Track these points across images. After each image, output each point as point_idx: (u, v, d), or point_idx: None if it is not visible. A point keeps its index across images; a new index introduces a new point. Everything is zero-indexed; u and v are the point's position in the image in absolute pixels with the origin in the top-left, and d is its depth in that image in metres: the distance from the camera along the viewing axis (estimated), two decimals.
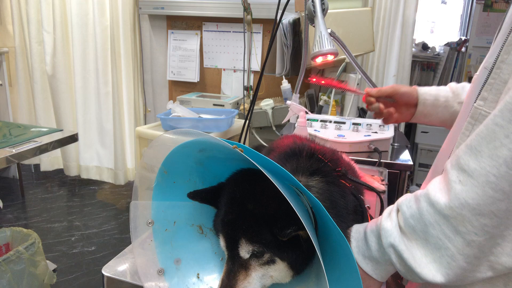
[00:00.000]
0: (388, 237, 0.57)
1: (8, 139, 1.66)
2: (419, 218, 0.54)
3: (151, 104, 3.24)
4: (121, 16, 2.94)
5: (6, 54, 3.19)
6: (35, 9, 2.95)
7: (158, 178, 0.62)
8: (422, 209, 0.54)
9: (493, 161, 0.48)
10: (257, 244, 0.55)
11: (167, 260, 0.64)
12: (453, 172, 0.52)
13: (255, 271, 0.57)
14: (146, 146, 2.18)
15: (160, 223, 0.64)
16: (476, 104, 0.58)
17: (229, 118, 2.12)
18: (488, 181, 0.48)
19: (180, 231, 0.65)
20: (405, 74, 2.49)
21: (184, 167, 0.63)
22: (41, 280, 1.76)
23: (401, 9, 2.34)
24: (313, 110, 2.18)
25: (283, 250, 0.56)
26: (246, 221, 0.56)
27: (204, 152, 0.61)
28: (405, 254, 0.55)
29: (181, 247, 0.65)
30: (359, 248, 0.61)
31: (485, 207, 0.48)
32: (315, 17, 1.21)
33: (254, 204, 0.57)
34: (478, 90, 0.59)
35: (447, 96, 1.01)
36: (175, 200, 0.64)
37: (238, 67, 2.84)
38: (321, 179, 0.65)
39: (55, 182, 3.41)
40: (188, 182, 0.64)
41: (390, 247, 0.57)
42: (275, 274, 0.58)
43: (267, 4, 2.54)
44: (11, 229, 1.85)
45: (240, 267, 0.57)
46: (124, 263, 0.75)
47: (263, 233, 0.55)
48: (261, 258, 0.57)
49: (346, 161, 0.85)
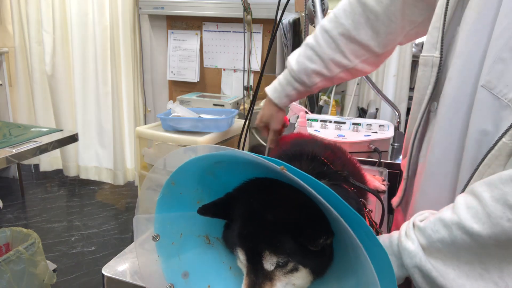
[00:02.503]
0: (413, 258, 0.57)
1: (8, 139, 1.66)
2: (451, 243, 0.54)
3: (151, 104, 3.24)
4: (121, 16, 2.94)
5: (6, 54, 3.19)
6: (34, 9, 2.95)
7: (164, 190, 0.59)
8: (455, 237, 0.53)
9: None
10: (281, 255, 0.54)
11: (174, 274, 0.61)
12: (497, 206, 0.51)
13: (280, 281, 0.56)
14: (146, 146, 2.18)
15: (166, 237, 0.61)
16: (505, 140, 0.57)
17: (229, 118, 2.12)
18: None
19: (187, 243, 0.63)
20: (405, 74, 2.49)
21: (194, 178, 0.60)
22: (41, 280, 1.76)
23: None
24: (313, 110, 2.18)
25: (307, 257, 0.55)
26: (267, 232, 0.55)
27: (220, 163, 0.58)
28: (433, 273, 0.55)
29: (189, 259, 0.63)
30: None
31: None
32: (315, 17, 1.21)
33: (274, 214, 0.55)
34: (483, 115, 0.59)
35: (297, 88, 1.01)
36: (181, 211, 0.62)
37: (238, 67, 2.84)
38: (328, 182, 0.64)
39: (55, 182, 3.41)
40: (195, 192, 0.62)
41: (415, 268, 0.57)
42: (298, 281, 0.57)
43: (267, 4, 2.54)
44: (11, 229, 1.85)
45: (264, 279, 0.55)
46: (124, 263, 0.75)
47: (286, 243, 0.54)
48: (285, 268, 0.56)
49: (351, 161, 0.84)
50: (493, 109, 0.59)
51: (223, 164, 0.58)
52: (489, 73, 0.59)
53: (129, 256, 0.77)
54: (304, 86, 1.00)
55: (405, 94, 2.53)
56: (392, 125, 1.46)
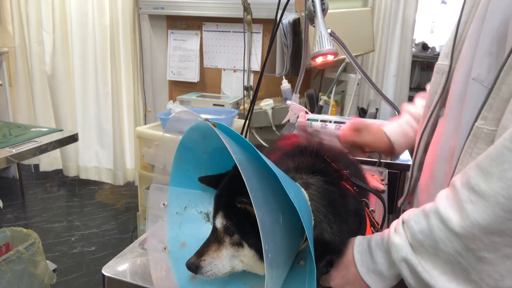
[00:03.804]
0: (399, 252, 0.58)
1: (8, 139, 1.66)
2: (429, 234, 0.55)
3: (151, 104, 3.24)
4: (120, 16, 2.94)
5: (6, 54, 3.19)
6: (34, 9, 2.95)
7: (174, 166, 0.68)
8: (432, 226, 0.55)
9: (502, 183, 0.49)
10: (229, 221, 0.60)
11: (173, 241, 0.69)
12: (463, 191, 0.53)
13: (226, 248, 0.61)
14: (146, 146, 2.18)
15: (173, 206, 0.70)
16: (477, 124, 0.60)
17: (229, 118, 2.12)
18: (498, 202, 0.49)
19: (189, 216, 0.71)
20: (405, 74, 2.49)
21: (195, 156, 0.67)
22: (41, 280, 1.76)
23: (401, 9, 2.34)
24: (313, 110, 2.18)
25: (249, 236, 0.59)
26: (228, 198, 0.60)
27: (207, 140, 0.64)
28: (419, 267, 0.56)
29: (188, 231, 0.70)
30: (363, 261, 0.63)
31: (496, 226, 0.50)
32: (315, 17, 1.21)
33: (240, 183, 0.58)
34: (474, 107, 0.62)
35: (412, 125, 1.04)
36: (188, 188, 0.70)
37: (238, 67, 2.84)
38: (322, 178, 0.65)
39: (55, 182, 3.41)
40: (199, 171, 0.68)
41: (403, 261, 0.58)
42: (245, 259, 0.61)
43: (267, 4, 2.53)
44: (11, 229, 1.85)
45: (215, 240, 0.62)
46: (124, 263, 0.75)
47: (237, 212, 0.59)
48: (232, 237, 0.60)
49: (353, 162, 0.85)
50: (484, 100, 0.61)
51: (210, 141, 0.64)
52: (479, 66, 0.63)
53: (129, 256, 0.77)
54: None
55: (405, 94, 2.53)
56: None
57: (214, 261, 0.61)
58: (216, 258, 0.61)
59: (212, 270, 0.61)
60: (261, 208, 0.50)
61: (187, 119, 0.62)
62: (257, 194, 0.50)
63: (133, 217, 2.78)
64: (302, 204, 0.57)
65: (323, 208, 0.61)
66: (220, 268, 0.61)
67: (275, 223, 0.54)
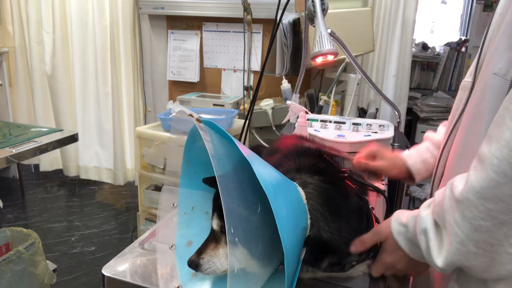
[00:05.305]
0: (421, 224, 0.59)
1: (8, 139, 1.66)
2: (441, 204, 0.55)
3: (151, 104, 3.24)
4: (120, 16, 2.94)
5: (6, 54, 3.19)
6: (34, 9, 2.95)
7: (183, 167, 0.72)
8: (445, 196, 0.55)
9: (498, 144, 0.48)
10: (223, 221, 0.60)
11: (180, 239, 0.73)
12: (474, 160, 0.52)
13: (223, 247, 0.63)
14: (146, 146, 2.18)
15: (181, 207, 0.74)
16: None
17: (229, 118, 2.12)
18: (491, 164, 0.48)
19: (196, 216, 0.74)
20: (405, 74, 2.49)
21: (199, 158, 0.70)
22: (41, 280, 1.76)
23: (401, 9, 2.34)
24: (313, 110, 2.18)
25: None
26: None
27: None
28: (431, 242, 0.56)
29: (194, 230, 0.73)
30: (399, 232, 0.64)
31: (489, 190, 0.48)
32: (315, 17, 1.21)
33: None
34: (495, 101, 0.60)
35: (433, 153, 1.01)
36: (196, 189, 0.73)
37: (238, 67, 2.84)
38: (321, 178, 0.65)
39: (55, 182, 3.41)
40: (205, 173, 0.71)
41: (422, 234, 0.58)
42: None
43: (267, 4, 2.53)
44: (11, 229, 1.85)
45: (213, 239, 0.64)
46: (124, 263, 0.75)
47: None
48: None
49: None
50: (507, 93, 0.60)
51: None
52: (500, 61, 0.62)
53: (129, 256, 0.77)
54: None
55: (405, 94, 2.53)
56: (392, 125, 1.46)
57: (212, 259, 0.63)
58: (214, 256, 0.63)
59: (211, 267, 0.62)
60: (231, 194, 0.53)
61: (190, 120, 0.65)
62: (226, 181, 0.54)
63: (133, 217, 2.78)
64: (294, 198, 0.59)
65: (320, 207, 0.62)
66: (218, 265, 0.63)
67: (251, 211, 0.57)
